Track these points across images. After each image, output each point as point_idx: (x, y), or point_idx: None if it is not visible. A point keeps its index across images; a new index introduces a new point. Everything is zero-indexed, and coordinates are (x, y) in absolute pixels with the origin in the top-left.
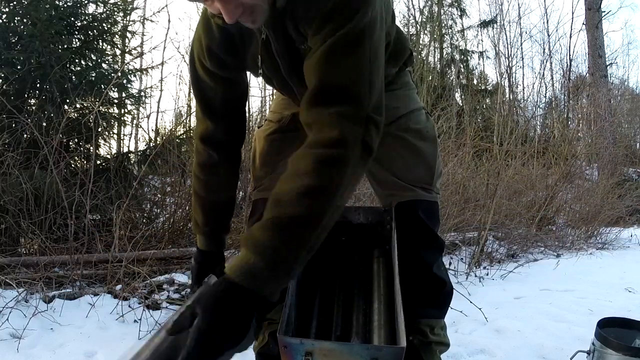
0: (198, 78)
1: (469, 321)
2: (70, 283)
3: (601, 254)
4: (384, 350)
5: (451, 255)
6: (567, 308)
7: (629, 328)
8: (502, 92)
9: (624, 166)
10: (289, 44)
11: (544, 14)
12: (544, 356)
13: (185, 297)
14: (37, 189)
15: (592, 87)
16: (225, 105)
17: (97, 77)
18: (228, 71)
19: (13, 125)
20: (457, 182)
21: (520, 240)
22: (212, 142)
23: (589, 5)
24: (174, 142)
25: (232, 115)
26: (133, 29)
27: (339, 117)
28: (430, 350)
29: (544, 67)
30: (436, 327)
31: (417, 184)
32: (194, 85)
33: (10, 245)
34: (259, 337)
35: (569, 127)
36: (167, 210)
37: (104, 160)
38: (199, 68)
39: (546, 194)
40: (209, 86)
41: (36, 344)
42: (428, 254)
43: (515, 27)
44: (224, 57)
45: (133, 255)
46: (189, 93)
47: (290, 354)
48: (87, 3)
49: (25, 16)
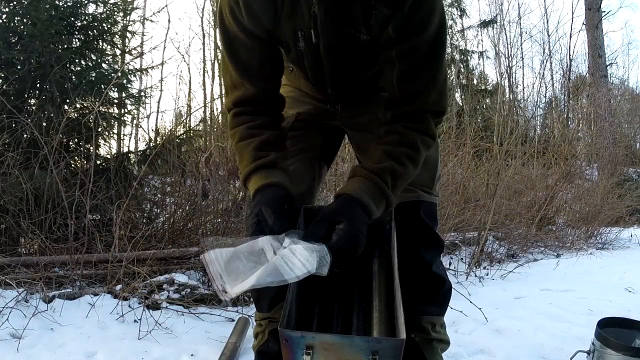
0: (231, 36)
1: (469, 321)
2: (70, 283)
3: (601, 254)
4: (384, 343)
5: (451, 255)
6: (567, 308)
7: (629, 328)
8: (502, 92)
9: (624, 166)
10: (339, 24)
11: (544, 14)
12: (544, 356)
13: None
14: (37, 189)
15: (592, 87)
16: (262, 66)
17: (97, 77)
18: (265, 33)
19: (13, 125)
20: (457, 182)
21: (520, 240)
22: (253, 104)
23: (589, 5)
24: (174, 142)
25: (270, 76)
26: (133, 29)
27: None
28: (431, 348)
29: (544, 67)
30: (437, 324)
31: (418, 186)
32: (227, 46)
33: (10, 245)
34: (259, 335)
35: (569, 127)
36: (167, 210)
37: (104, 160)
38: (232, 25)
39: (546, 194)
40: (244, 44)
41: (36, 344)
42: (428, 253)
43: (515, 27)
44: (264, 19)
45: (133, 255)
46: (188, 93)
47: (291, 347)
48: (87, 3)
49: (25, 16)
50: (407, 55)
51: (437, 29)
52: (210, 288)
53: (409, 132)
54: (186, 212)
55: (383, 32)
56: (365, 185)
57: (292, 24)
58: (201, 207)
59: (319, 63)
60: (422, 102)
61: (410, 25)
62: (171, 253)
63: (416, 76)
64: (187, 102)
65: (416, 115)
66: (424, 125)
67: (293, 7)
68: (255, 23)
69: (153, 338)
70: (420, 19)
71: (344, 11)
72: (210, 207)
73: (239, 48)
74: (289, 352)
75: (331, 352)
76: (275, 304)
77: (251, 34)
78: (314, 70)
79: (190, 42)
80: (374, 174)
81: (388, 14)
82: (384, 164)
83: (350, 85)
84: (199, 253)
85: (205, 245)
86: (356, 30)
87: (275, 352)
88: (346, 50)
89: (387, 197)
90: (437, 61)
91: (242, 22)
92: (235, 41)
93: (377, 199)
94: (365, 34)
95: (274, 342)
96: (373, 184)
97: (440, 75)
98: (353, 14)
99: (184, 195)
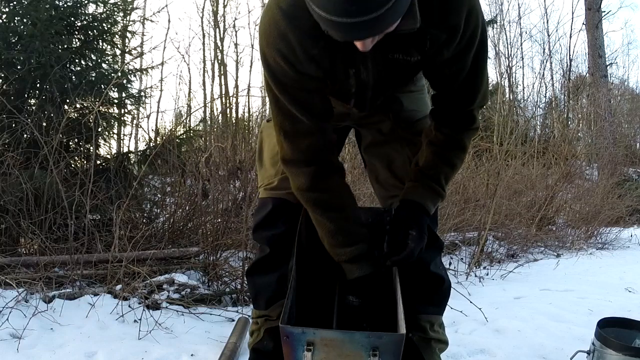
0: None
1: (469, 321)
2: (70, 283)
3: (601, 254)
4: (384, 338)
5: (451, 255)
6: (567, 308)
7: (629, 328)
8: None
9: (624, 166)
10: (388, 52)
11: (544, 14)
12: (544, 356)
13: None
14: (37, 189)
15: (592, 87)
16: (324, 105)
17: (97, 77)
18: (322, 73)
19: (13, 125)
20: (457, 182)
21: (520, 240)
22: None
23: (589, 5)
24: (174, 142)
25: (328, 109)
26: (133, 29)
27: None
28: (429, 348)
29: (544, 67)
30: (435, 323)
31: None
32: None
33: (10, 245)
34: (254, 333)
35: (569, 127)
36: (167, 210)
37: (104, 160)
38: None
39: (546, 194)
40: (303, 88)
41: (36, 344)
42: (427, 253)
43: (515, 27)
44: (323, 62)
45: (133, 255)
46: (188, 93)
47: (292, 344)
48: (87, 3)
49: (25, 16)
50: (460, 70)
51: (482, 34)
52: (210, 288)
53: (457, 135)
54: (186, 212)
55: (438, 55)
56: (427, 191)
57: (344, 62)
58: (201, 207)
59: (364, 93)
60: (471, 103)
61: (462, 42)
62: (171, 253)
63: (468, 85)
64: (187, 102)
65: (465, 115)
66: (470, 121)
67: (346, 46)
68: (315, 68)
69: (153, 338)
70: (471, 33)
71: (394, 40)
72: (210, 207)
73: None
74: (289, 348)
75: (332, 348)
76: (272, 301)
77: (309, 76)
78: (357, 97)
79: (190, 42)
80: (432, 181)
81: (445, 38)
82: (439, 169)
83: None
84: (199, 253)
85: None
86: (406, 54)
87: (270, 350)
88: (394, 75)
89: (443, 197)
90: (484, 66)
91: (298, 68)
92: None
93: (435, 201)
94: (417, 56)
95: (269, 340)
96: (432, 190)
97: (485, 76)
98: (405, 41)
99: (184, 195)
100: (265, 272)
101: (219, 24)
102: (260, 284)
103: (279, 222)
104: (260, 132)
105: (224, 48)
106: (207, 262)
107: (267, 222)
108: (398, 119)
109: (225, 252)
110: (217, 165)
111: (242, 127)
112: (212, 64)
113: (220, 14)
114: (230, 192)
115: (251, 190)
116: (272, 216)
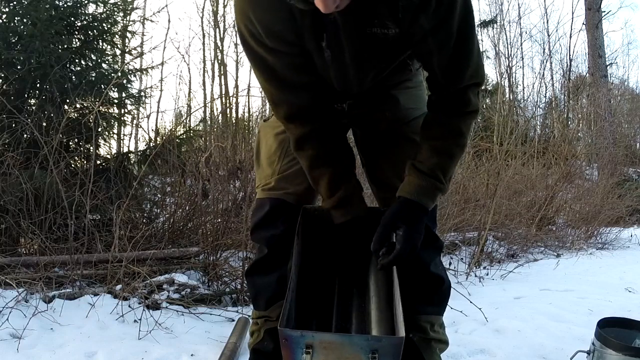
0: (259, 58)
1: (469, 321)
2: (70, 283)
3: (601, 254)
4: (384, 341)
5: (451, 255)
6: (567, 308)
7: (629, 328)
8: (502, 92)
9: (624, 166)
10: (362, 25)
11: (544, 14)
12: (544, 356)
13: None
14: (37, 189)
15: (592, 87)
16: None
17: (97, 77)
18: (292, 48)
19: (13, 125)
20: (457, 182)
21: (520, 240)
22: (304, 116)
23: (589, 5)
24: (174, 142)
25: (312, 82)
26: (133, 29)
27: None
28: (430, 348)
29: (544, 67)
30: (435, 324)
31: None
32: (259, 67)
33: (10, 245)
34: (255, 333)
35: (569, 127)
36: (167, 210)
37: (104, 160)
38: (257, 48)
39: (546, 194)
40: (274, 62)
41: (36, 344)
42: (426, 253)
43: (515, 27)
44: (287, 37)
45: (133, 255)
46: (188, 93)
47: (291, 347)
48: (87, 3)
49: (25, 16)
50: (444, 41)
51: (464, 2)
52: (210, 288)
53: (451, 120)
54: (186, 212)
55: (414, 23)
56: (420, 186)
57: (314, 35)
58: (201, 207)
59: (343, 69)
60: (461, 79)
61: (440, 8)
62: (171, 253)
63: (456, 57)
64: (187, 102)
65: (457, 95)
66: (465, 102)
67: (313, 17)
68: (279, 42)
69: (153, 338)
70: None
71: (365, 10)
72: (210, 207)
73: (270, 66)
74: (288, 351)
75: (331, 351)
76: (272, 302)
77: (278, 52)
78: (340, 79)
79: (190, 42)
80: (427, 175)
81: (417, 2)
82: (434, 161)
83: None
84: (199, 253)
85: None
86: (383, 27)
87: (270, 351)
88: (373, 51)
89: (442, 190)
90: (472, 35)
91: (266, 44)
92: (265, 62)
93: (432, 195)
94: (393, 28)
95: (269, 341)
96: (427, 184)
97: (474, 47)
98: (377, 10)
99: (184, 195)
100: (264, 273)
101: (219, 24)
102: (260, 285)
103: (278, 222)
104: (258, 132)
105: (224, 48)
106: (207, 262)
107: (266, 223)
108: (395, 117)
109: (225, 252)
110: (217, 165)
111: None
112: (212, 64)
113: (220, 14)
114: (230, 192)
115: (251, 190)
116: (270, 216)
